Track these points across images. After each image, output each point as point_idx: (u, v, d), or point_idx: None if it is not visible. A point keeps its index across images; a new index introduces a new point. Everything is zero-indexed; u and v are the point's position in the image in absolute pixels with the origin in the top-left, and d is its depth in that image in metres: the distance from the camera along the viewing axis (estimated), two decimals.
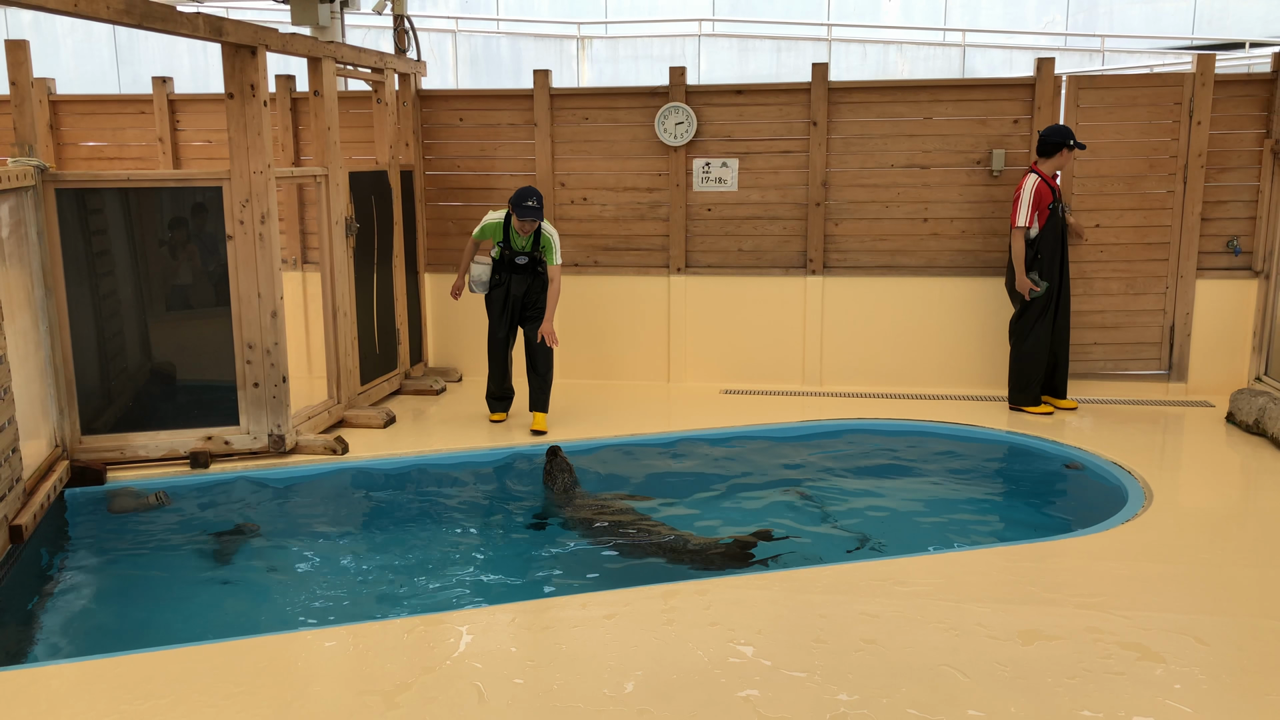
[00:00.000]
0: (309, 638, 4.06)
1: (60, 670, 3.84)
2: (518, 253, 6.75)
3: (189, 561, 5.05)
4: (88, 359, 5.95)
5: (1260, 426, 6.57)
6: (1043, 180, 7.00)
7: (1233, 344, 7.57)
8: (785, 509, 5.68)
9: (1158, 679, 3.59)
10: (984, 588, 4.36)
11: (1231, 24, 15.85)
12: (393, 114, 7.76)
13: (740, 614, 4.11)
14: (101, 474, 5.83)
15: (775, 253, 7.99)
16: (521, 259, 6.77)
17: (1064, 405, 7.28)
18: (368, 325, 7.45)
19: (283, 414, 6.28)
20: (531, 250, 6.75)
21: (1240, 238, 7.48)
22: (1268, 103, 7.33)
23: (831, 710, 3.40)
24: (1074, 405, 7.29)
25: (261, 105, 5.97)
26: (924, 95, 7.69)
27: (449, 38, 16.07)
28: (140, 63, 15.82)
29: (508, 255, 6.77)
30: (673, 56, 15.87)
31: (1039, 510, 5.78)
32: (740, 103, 7.88)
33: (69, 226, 5.78)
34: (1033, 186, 6.97)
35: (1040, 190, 7.00)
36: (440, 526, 5.47)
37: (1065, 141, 6.94)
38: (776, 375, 8.08)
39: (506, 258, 6.78)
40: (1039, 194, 6.99)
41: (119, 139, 8.57)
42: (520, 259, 6.77)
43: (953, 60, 15.93)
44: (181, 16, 5.41)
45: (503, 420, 7.08)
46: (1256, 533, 5.11)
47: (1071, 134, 6.96)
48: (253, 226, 6.07)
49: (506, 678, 3.65)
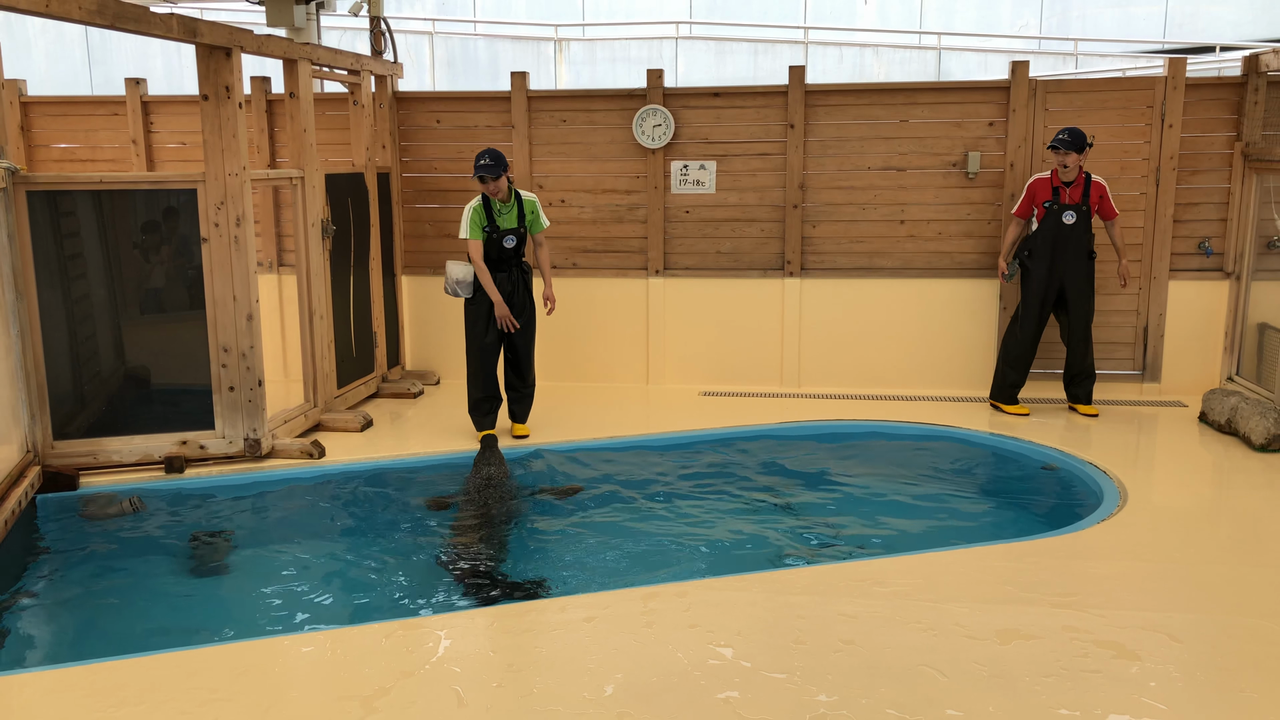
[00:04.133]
0: (286, 643, 4.03)
1: (32, 678, 3.79)
2: (505, 233, 6.49)
3: (163, 567, 5.00)
4: (60, 363, 5.89)
5: (1232, 426, 6.64)
6: (1046, 177, 7.09)
7: (1205, 344, 7.65)
8: (762, 510, 5.69)
9: (1133, 677, 3.62)
10: (961, 588, 4.39)
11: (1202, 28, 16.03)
12: (369, 116, 7.73)
13: (720, 616, 4.12)
14: (74, 479, 5.77)
15: (753, 255, 8.01)
16: (510, 240, 6.49)
17: (1084, 411, 7.21)
18: (344, 328, 7.41)
19: (258, 418, 6.23)
20: (518, 226, 6.55)
21: (1211, 239, 7.56)
22: (1238, 106, 7.42)
23: (811, 711, 3.41)
24: (1093, 412, 7.19)
25: (237, 107, 5.93)
26: (900, 98, 7.73)
27: (426, 39, 16.01)
28: (113, 64, 15.68)
29: (495, 239, 6.47)
30: (650, 59, 15.88)
31: (1015, 510, 5.82)
32: (718, 105, 7.89)
33: (40, 229, 5.72)
34: (1033, 179, 7.15)
35: (1035, 184, 7.12)
36: (418, 530, 5.44)
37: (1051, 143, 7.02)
38: (755, 377, 8.09)
39: (494, 242, 6.48)
40: (1032, 187, 7.13)
41: (92, 141, 8.49)
42: (509, 240, 6.49)
43: (928, 63, 16.03)
44: (155, 17, 5.36)
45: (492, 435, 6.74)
46: (1229, 531, 5.17)
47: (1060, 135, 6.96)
48: (228, 229, 6.03)
49: (485, 681, 3.64)
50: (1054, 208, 7.04)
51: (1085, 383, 7.28)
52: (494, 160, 6.36)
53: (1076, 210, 7.03)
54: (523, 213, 6.60)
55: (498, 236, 6.51)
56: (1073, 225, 7.03)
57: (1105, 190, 7.08)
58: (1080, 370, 7.26)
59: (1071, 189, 7.04)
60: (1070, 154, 6.92)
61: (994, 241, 7.75)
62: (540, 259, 6.78)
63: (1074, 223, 7.03)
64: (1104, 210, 7.09)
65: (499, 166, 6.37)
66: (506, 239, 6.53)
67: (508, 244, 6.54)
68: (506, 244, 6.54)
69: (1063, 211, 7.03)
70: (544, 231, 6.76)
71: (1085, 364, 7.24)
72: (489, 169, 6.35)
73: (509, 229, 6.54)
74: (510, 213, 6.56)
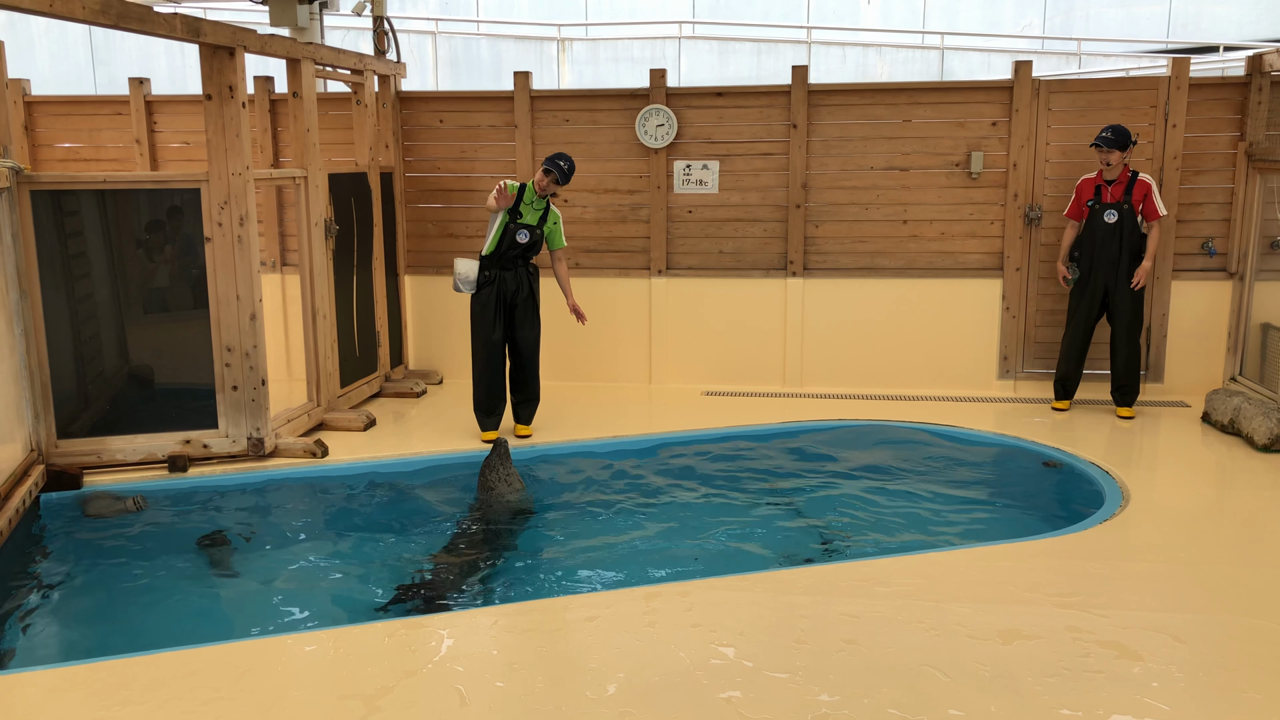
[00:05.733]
0: (289, 642, 4.04)
1: (35, 677, 3.80)
2: (522, 226, 6.54)
3: (167, 566, 5.01)
4: (64, 362, 5.90)
5: (1235, 426, 6.63)
6: (1092, 176, 7.05)
7: (1208, 345, 7.64)
8: (765, 510, 5.69)
9: (1136, 677, 3.62)
10: (963, 588, 4.39)
11: (1206, 28, 16.00)
12: (372, 115, 7.73)
13: (722, 615, 4.12)
14: (78, 478, 5.78)
15: (756, 254, 8.01)
16: (523, 235, 6.52)
17: (1122, 414, 7.16)
18: (347, 328, 7.42)
19: (262, 417, 6.24)
20: (537, 226, 6.59)
21: (1215, 239, 7.55)
22: (1241, 106, 7.41)
23: (813, 711, 3.41)
24: (1130, 414, 7.12)
25: (240, 107, 5.94)
26: (903, 98, 7.73)
27: (429, 39, 16.01)
28: (116, 64, 15.69)
29: (512, 228, 6.52)
30: (653, 58, 15.87)
31: (1018, 510, 5.81)
32: (721, 105, 7.89)
33: (44, 228, 5.73)
34: (1081, 179, 7.13)
35: (1082, 184, 7.10)
36: (421, 530, 5.44)
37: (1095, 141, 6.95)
38: (757, 377, 8.09)
39: (510, 232, 6.51)
40: (1079, 187, 7.12)
41: (95, 140, 8.51)
42: (522, 235, 6.52)
43: (931, 63, 16.01)
44: (159, 17, 5.37)
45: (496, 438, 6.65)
46: (1232, 531, 5.16)
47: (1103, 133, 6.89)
48: (231, 228, 6.04)
49: (488, 681, 3.64)
50: (1096, 207, 6.98)
51: (1125, 388, 7.14)
52: (570, 167, 6.52)
53: (1118, 209, 6.92)
54: (546, 218, 6.65)
55: (514, 226, 6.56)
56: (1114, 224, 6.93)
57: (1151, 189, 6.95)
58: (1119, 374, 7.13)
59: (1113, 187, 6.95)
60: (1113, 152, 6.83)
61: (996, 241, 7.74)
62: (559, 273, 6.83)
63: (1115, 222, 6.93)
64: (1147, 210, 6.97)
65: (567, 175, 6.52)
66: (521, 233, 6.56)
67: (521, 238, 6.56)
68: (520, 238, 6.56)
69: (1104, 211, 6.95)
70: (563, 250, 6.82)
71: (1127, 369, 7.09)
72: (560, 170, 6.48)
73: (527, 224, 6.58)
74: (537, 211, 6.62)
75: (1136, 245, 6.99)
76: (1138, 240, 6.99)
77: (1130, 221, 6.95)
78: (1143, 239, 7.02)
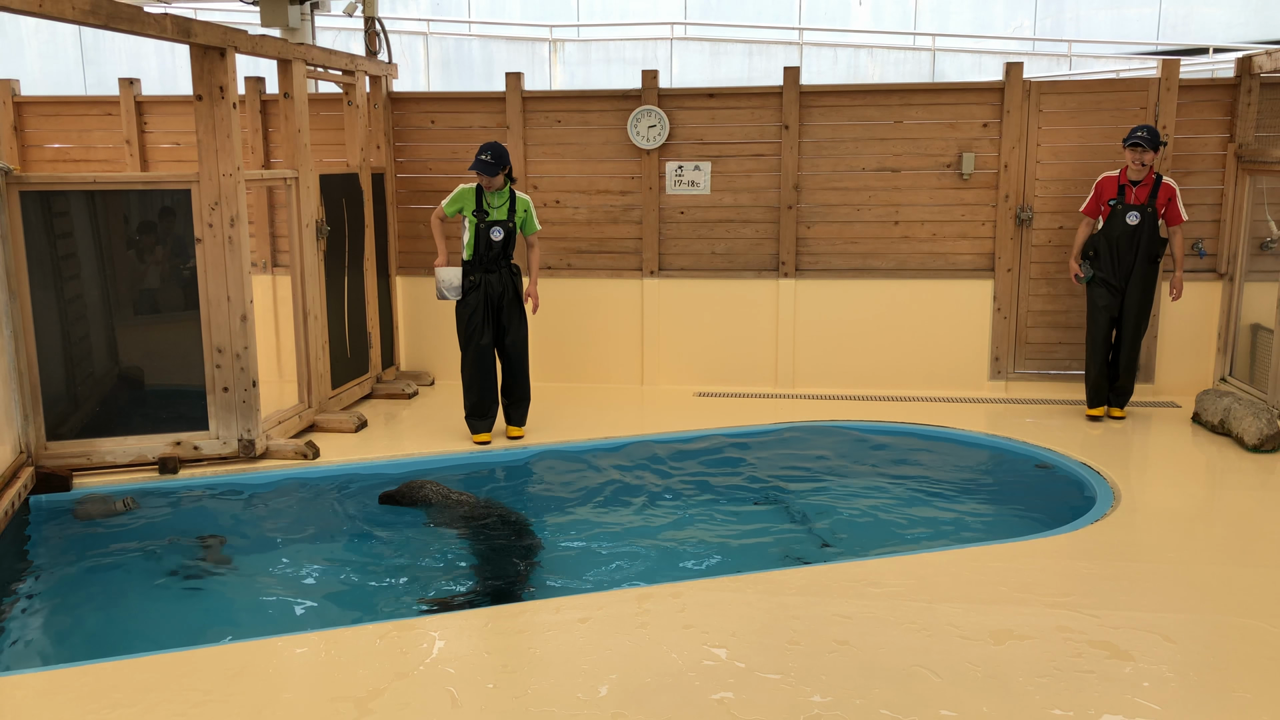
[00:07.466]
0: (280, 644, 4.02)
1: (25, 680, 3.78)
2: (493, 224, 6.47)
3: (157, 568, 4.99)
4: (53, 364, 5.87)
5: (1225, 426, 6.65)
6: (1114, 175, 6.96)
7: (1198, 345, 7.67)
8: (757, 511, 5.70)
9: (1127, 677, 3.63)
10: (955, 588, 4.40)
11: (1196, 29, 16.06)
12: (364, 116, 7.72)
13: (714, 616, 4.12)
14: (67, 480, 5.76)
15: (748, 255, 8.02)
16: (497, 232, 6.45)
17: (1113, 414, 7.15)
18: (339, 329, 7.40)
19: (252, 419, 6.22)
20: (508, 219, 6.53)
21: (1205, 240, 7.58)
22: (1231, 107, 7.44)
23: (805, 712, 3.41)
24: (1121, 415, 7.12)
25: (231, 107, 5.92)
26: (894, 99, 7.74)
27: (420, 40, 15.98)
28: (106, 64, 15.62)
29: (484, 229, 6.45)
30: (645, 60, 15.87)
31: (1009, 510, 5.82)
32: (712, 106, 7.90)
33: (34, 229, 5.70)
34: (1101, 176, 7.03)
35: (1103, 182, 7.00)
36: (412, 531, 5.43)
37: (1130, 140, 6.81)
38: (749, 377, 8.10)
39: (483, 233, 6.47)
40: (1099, 185, 7.02)
41: (85, 141, 8.47)
42: (495, 231, 6.45)
43: (922, 64, 16.04)
44: (149, 17, 5.35)
45: (488, 442, 6.67)
46: (1222, 531, 5.18)
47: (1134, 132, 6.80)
48: (222, 229, 6.02)
49: (480, 682, 3.64)
50: (1118, 207, 6.88)
51: (1122, 389, 7.12)
52: (494, 159, 6.38)
53: (1141, 211, 6.82)
54: (514, 209, 6.59)
55: (485, 226, 6.50)
56: (1136, 226, 6.84)
57: (1175, 193, 6.86)
58: (1119, 375, 7.10)
59: (1138, 189, 6.85)
60: (1148, 152, 6.73)
61: (987, 242, 7.76)
62: (530, 258, 6.79)
63: (1137, 224, 6.83)
64: (1170, 214, 6.88)
65: (497, 166, 6.38)
66: (494, 230, 6.50)
67: (495, 235, 6.50)
68: (494, 235, 6.50)
69: (1127, 212, 6.85)
70: (536, 234, 6.76)
71: (1127, 371, 7.06)
72: (486, 166, 6.37)
73: (497, 220, 6.52)
74: (502, 205, 6.54)
75: (1153, 249, 6.90)
76: (1155, 244, 6.90)
77: (1151, 225, 6.86)
78: (1161, 243, 6.92)
